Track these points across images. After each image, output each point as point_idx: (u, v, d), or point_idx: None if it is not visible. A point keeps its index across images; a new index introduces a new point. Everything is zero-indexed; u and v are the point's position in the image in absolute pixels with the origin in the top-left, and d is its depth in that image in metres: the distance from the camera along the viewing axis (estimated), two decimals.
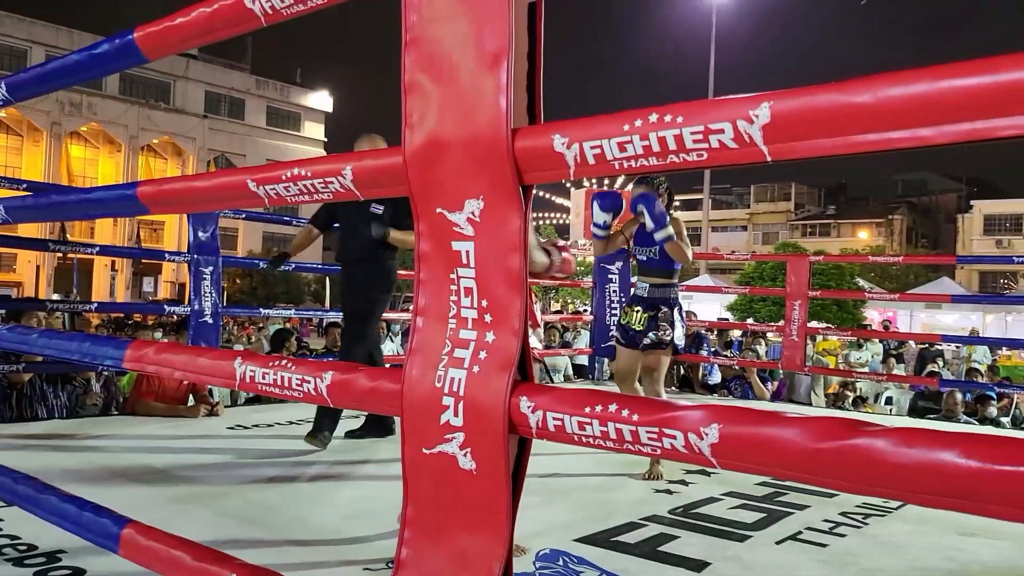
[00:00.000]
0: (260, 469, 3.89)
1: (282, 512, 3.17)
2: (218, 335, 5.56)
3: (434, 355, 1.18)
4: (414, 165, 1.17)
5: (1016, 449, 0.73)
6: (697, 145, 0.91)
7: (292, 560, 2.57)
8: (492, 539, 1.10)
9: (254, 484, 3.58)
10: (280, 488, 3.56)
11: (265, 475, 3.76)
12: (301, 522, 3.04)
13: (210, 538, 2.79)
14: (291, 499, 3.38)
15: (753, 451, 0.88)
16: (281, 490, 3.52)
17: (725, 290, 10.38)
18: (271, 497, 3.39)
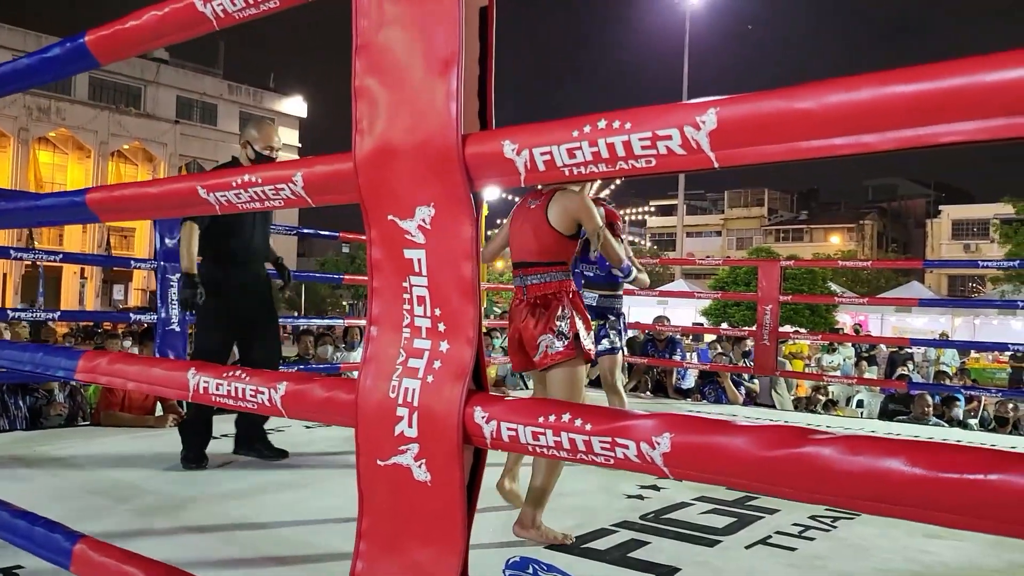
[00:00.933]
0: (226, 480, 3.84)
1: (249, 524, 3.12)
2: (186, 344, 5.48)
3: (388, 365, 1.16)
4: (364, 172, 1.16)
5: (960, 456, 0.72)
6: (645, 152, 0.90)
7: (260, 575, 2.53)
8: (447, 551, 1.08)
9: (220, 496, 3.53)
10: (247, 500, 3.51)
11: (231, 486, 3.71)
12: (269, 534, 2.99)
13: (173, 552, 2.75)
14: (259, 511, 3.34)
15: (704, 460, 0.87)
16: (248, 501, 3.47)
17: (697, 295, 10.44)
18: (237, 509, 3.33)
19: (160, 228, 5.33)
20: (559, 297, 3.07)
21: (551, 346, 3.01)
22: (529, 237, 3.13)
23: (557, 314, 3.04)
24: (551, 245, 3.08)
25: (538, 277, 3.09)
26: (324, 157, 1.25)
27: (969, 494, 0.71)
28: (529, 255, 3.13)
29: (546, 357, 3.04)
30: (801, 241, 47.45)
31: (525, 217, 3.17)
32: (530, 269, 3.11)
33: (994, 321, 20.39)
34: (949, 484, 0.71)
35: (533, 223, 3.11)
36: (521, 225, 3.19)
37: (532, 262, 3.11)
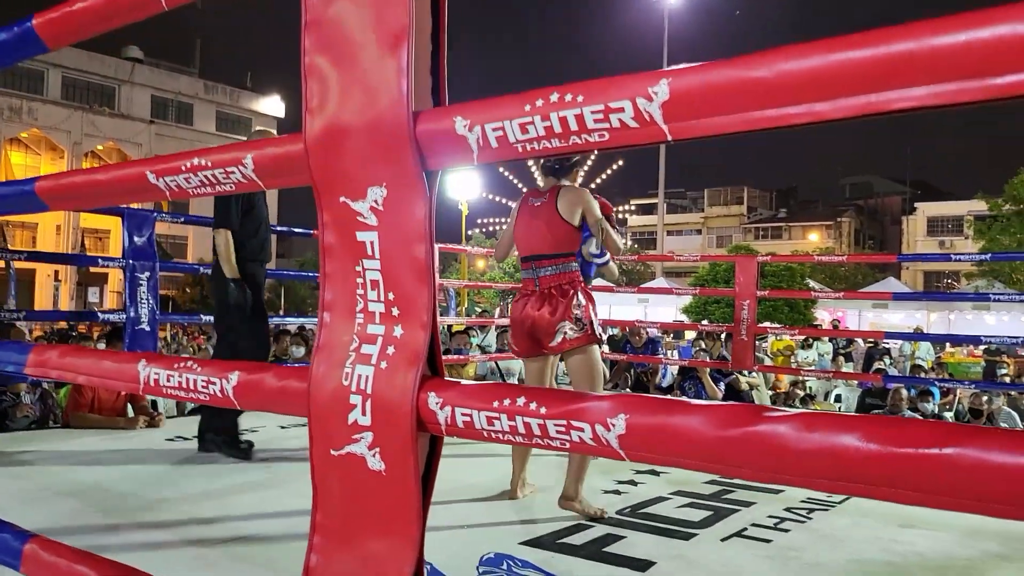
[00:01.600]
0: (197, 481, 3.78)
1: (218, 524, 3.07)
2: (156, 343, 5.40)
3: (341, 352, 1.13)
4: (315, 152, 1.12)
5: (916, 431, 0.70)
6: (598, 125, 0.87)
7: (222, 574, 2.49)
8: (402, 543, 1.05)
9: (191, 496, 3.47)
10: (218, 500, 3.45)
11: (203, 487, 3.65)
12: (236, 534, 2.95)
13: (139, 553, 2.70)
14: (229, 510, 3.28)
15: (660, 441, 0.84)
16: (219, 502, 3.42)
17: (676, 291, 10.46)
18: (207, 509, 3.28)
19: (129, 226, 5.25)
20: (573, 286, 3.36)
21: (571, 332, 3.29)
22: (543, 231, 3.39)
23: (574, 303, 3.31)
24: (563, 237, 3.38)
25: (552, 268, 3.37)
26: (275, 139, 1.21)
27: (925, 469, 0.69)
28: (543, 248, 3.39)
29: (565, 343, 3.31)
30: (780, 239, 47.76)
31: (533, 214, 3.45)
32: (543, 261, 3.39)
33: (968, 316, 20.62)
34: (905, 459, 0.69)
35: (544, 218, 3.39)
36: (531, 221, 3.45)
37: (546, 254, 3.38)
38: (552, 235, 3.37)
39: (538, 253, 3.40)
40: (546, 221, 3.39)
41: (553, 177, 3.54)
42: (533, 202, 3.47)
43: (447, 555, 2.74)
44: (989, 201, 26.95)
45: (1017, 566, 2.83)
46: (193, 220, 6.61)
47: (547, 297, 3.34)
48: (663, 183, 31.67)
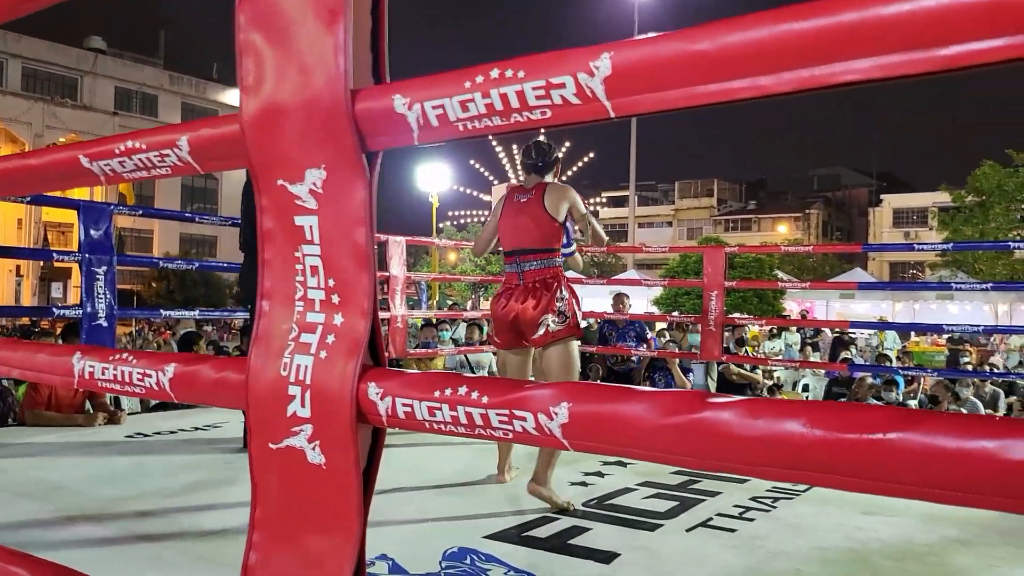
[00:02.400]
0: (155, 478, 3.70)
1: (176, 522, 3.01)
2: (113, 338, 5.29)
3: (280, 341, 1.08)
4: (252, 133, 1.07)
5: (862, 416, 0.68)
6: (540, 102, 0.84)
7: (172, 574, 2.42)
8: (342, 538, 1.01)
9: (148, 494, 3.40)
10: (176, 497, 3.38)
11: (160, 484, 3.58)
12: (197, 533, 2.88)
13: (92, 553, 2.63)
14: (187, 508, 3.22)
15: (603, 430, 0.81)
16: (177, 499, 3.35)
17: (644, 282, 10.48)
18: (165, 506, 3.21)
19: (84, 219, 5.13)
20: (557, 280, 3.46)
21: (554, 324, 3.40)
22: (529, 226, 3.48)
23: (557, 296, 3.42)
24: (549, 232, 3.47)
25: (537, 263, 3.46)
26: (211, 120, 1.16)
27: (870, 455, 0.66)
28: (529, 242, 3.47)
29: (547, 335, 3.42)
30: (749, 231, 48.18)
31: (519, 209, 3.53)
32: (528, 255, 3.47)
33: (932, 306, 20.95)
34: (850, 445, 0.67)
35: (531, 214, 3.48)
36: (517, 216, 3.52)
37: (531, 248, 3.46)
38: (538, 230, 3.46)
39: (523, 247, 3.48)
40: (532, 217, 3.47)
41: (536, 175, 3.61)
42: (519, 198, 3.55)
43: (409, 549, 2.71)
44: (952, 193, 27.38)
45: (976, 551, 2.85)
46: (152, 213, 6.48)
47: (531, 291, 3.43)
48: (634, 176, 31.76)
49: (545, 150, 3.63)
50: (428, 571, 2.53)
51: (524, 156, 3.66)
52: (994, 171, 25.77)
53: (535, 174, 3.61)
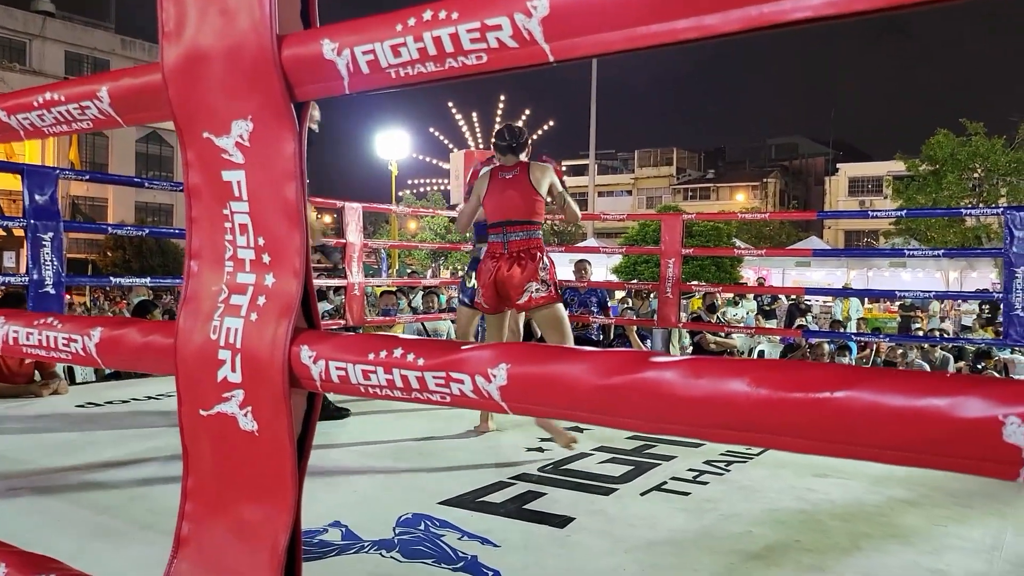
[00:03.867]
0: (104, 448, 3.61)
1: (124, 492, 2.93)
2: (62, 305, 5.13)
3: (209, 303, 1.03)
4: (174, 83, 1.01)
5: (807, 374, 0.65)
6: (475, 46, 0.79)
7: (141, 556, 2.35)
8: (277, 507, 0.97)
9: (96, 464, 3.31)
10: (124, 467, 3.30)
11: (109, 454, 3.49)
12: (144, 503, 2.82)
13: (41, 521, 2.55)
14: (135, 478, 3.14)
15: (543, 391, 0.78)
16: (126, 469, 3.27)
17: (603, 250, 10.51)
18: (113, 477, 3.13)
19: (29, 184, 4.94)
20: (540, 250, 3.77)
21: (536, 291, 3.69)
22: (516, 200, 3.76)
23: (539, 266, 3.72)
24: (534, 206, 3.77)
25: (522, 233, 3.75)
26: (132, 69, 1.09)
27: (817, 415, 0.63)
28: (515, 215, 3.75)
29: (531, 301, 3.72)
30: (708, 199, 48.54)
31: (506, 185, 3.80)
32: (514, 227, 3.76)
33: (885, 273, 21.37)
34: (796, 404, 0.64)
35: (518, 189, 3.77)
36: (503, 191, 3.79)
37: (518, 220, 3.75)
38: (525, 204, 3.76)
39: (510, 219, 3.76)
40: (520, 192, 3.75)
41: (512, 155, 3.86)
42: (503, 175, 3.83)
43: (363, 516, 2.68)
44: (907, 162, 27.82)
45: (924, 511, 2.91)
46: (100, 178, 6.27)
47: (515, 259, 3.73)
48: (594, 144, 31.69)
49: (516, 132, 3.90)
50: (382, 537, 2.51)
51: (498, 139, 3.89)
52: (948, 140, 26.23)
53: (511, 154, 3.85)
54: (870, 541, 2.60)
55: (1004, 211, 5.72)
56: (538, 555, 2.42)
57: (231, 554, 0.99)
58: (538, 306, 3.73)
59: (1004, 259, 5.51)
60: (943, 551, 2.52)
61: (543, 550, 2.46)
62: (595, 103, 30.19)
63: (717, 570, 2.34)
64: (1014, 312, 5.45)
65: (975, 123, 26.06)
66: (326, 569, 2.28)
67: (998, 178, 26.44)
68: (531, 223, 3.77)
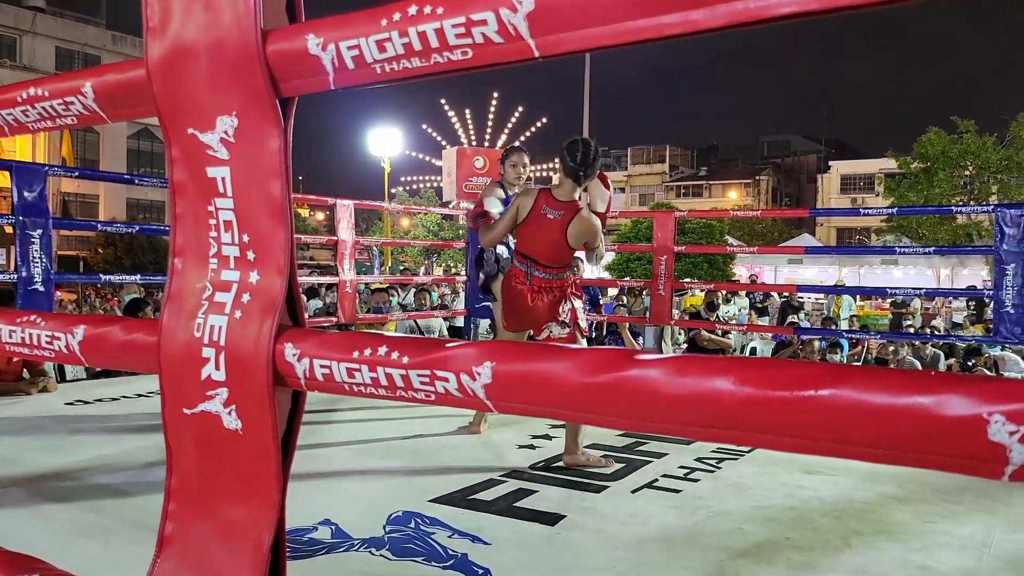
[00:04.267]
0: (93, 447, 3.59)
1: (113, 491, 2.92)
2: (51, 303, 5.10)
3: (193, 300, 1.02)
4: (159, 78, 1.00)
5: (791, 372, 0.65)
6: (460, 41, 0.78)
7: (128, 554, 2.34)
8: (261, 507, 0.96)
9: (85, 463, 3.30)
10: (113, 466, 3.29)
11: (98, 452, 3.47)
12: (134, 502, 2.80)
13: (31, 522, 2.54)
14: (124, 477, 3.13)
15: (528, 389, 0.77)
16: (115, 468, 3.26)
17: None
18: (102, 476, 3.12)
19: (18, 180, 4.90)
20: (563, 291, 3.62)
21: (555, 332, 3.60)
22: (545, 245, 3.56)
23: (561, 308, 3.60)
24: (563, 256, 3.60)
25: (544, 274, 3.59)
26: (116, 64, 1.08)
27: (801, 413, 0.63)
28: (541, 257, 3.58)
29: (550, 339, 3.60)
30: (701, 197, 48.60)
31: (541, 224, 3.55)
32: (537, 266, 3.60)
33: (877, 271, 21.45)
34: (780, 403, 0.64)
35: (551, 236, 3.52)
36: (538, 230, 3.56)
37: (542, 263, 3.59)
38: (553, 251, 3.56)
39: (536, 259, 3.59)
40: (551, 240, 3.52)
41: (574, 181, 3.52)
42: (546, 211, 3.53)
43: (354, 515, 2.67)
44: (899, 159, 27.90)
45: (913, 508, 2.92)
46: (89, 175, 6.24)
47: (538, 293, 3.60)
48: None
49: (589, 153, 3.50)
50: (372, 535, 2.50)
51: (568, 154, 3.51)
52: (939, 138, 26.31)
53: (571, 179, 3.52)
54: (860, 538, 2.60)
55: (995, 208, 5.74)
56: (528, 553, 2.42)
57: (214, 554, 0.98)
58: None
59: (995, 256, 5.53)
60: (933, 548, 2.52)
61: (534, 548, 2.46)
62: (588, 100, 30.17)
63: (707, 568, 2.34)
64: (1004, 309, 5.47)
65: (966, 121, 26.16)
66: (315, 567, 2.28)
67: (989, 176, 26.55)
68: (556, 267, 3.58)
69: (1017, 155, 25.76)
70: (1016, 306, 5.51)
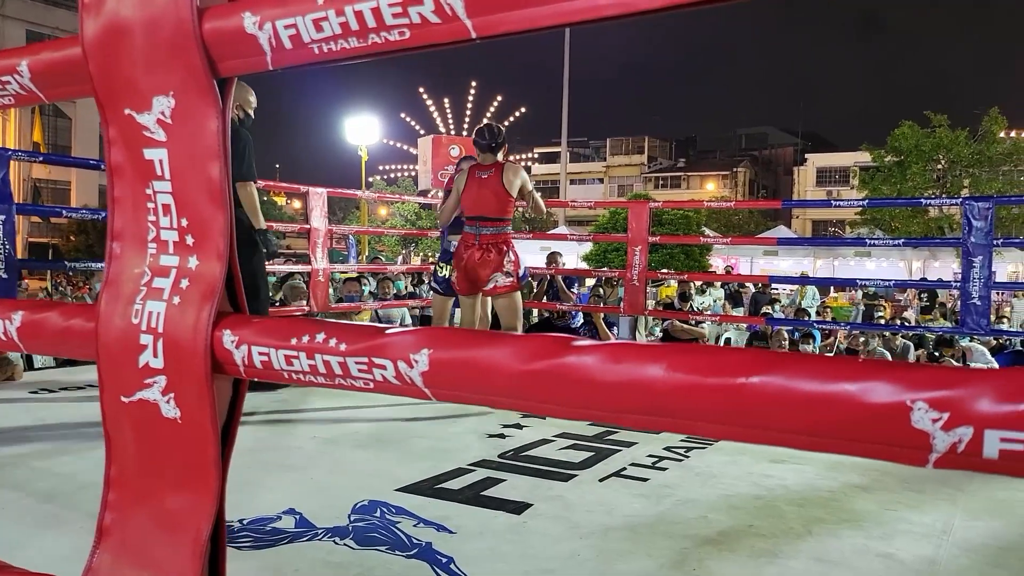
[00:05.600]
0: (56, 435, 3.54)
1: (75, 480, 2.88)
2: (14, 290, 5.01)
3: (131, 286, 0.99)
4: (95, 57, 0.97)
5: (726, 359, 0.64)
6: (397, 21, 0.76)
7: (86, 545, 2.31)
8: (199, 497, 0.94)
9: (47, 451, 3.25)
10: (76, 455, 3.24)
11: (60, 442, 3.42)
12: (96, 491, 2.76)
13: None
14: (86, 465, 3.08)
15: (465, 377, 0.76)
16: (77, 457, 3.21)
17: (571, 237, 10.53)
18: (64, 465, 3.07)
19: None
20: (507, 244, 4.33)
21: (501, 281, 4.27)
22: (489, 199, 4.27)
23: (505, 258, 4.28)
24: (505, 205, 4.30)
25: (492, 229, 4.28)
26: (52, 42, 1.05)
27: (732, 400, 0.62)
28: (488, 212, 4.28)
29: (496, 288, 4.32)
30: (679, 188, 48.81)
31: (481, 184, 4.30)
32: (486, 222, 4.28)
33: (851, 263, 21.67)
34: (710, 390, 0.63)
35: (492, 189, 4.27)
36: (479, 190, 4.30)
37: (490, 217, 4.28)
38: (497, 203, 4.27)
39: (483, 215, 4.27)
40: (493, 191, 4.25)
41: (491, 153, 4.34)
42: (480, 175, 4.31)
43: (319, 503, 2.65)
44: (873, 152, 28.14)
45: (876, 496, 2.95)
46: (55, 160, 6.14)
47: (485, 250, 4.26)
48: (566, 132, 31.66)
49: (496, 132, 4.38)
50: (336, 525, 2.48)
51: (479, 137, 4.35)
52: (912, 131, 26.56)
53: (489, 153, 4.33)
54: (823, 526, 2.63)
55: (963, 201, 5.80)
56: (493, 541, 2.41)
57: (154, 544, 0.96)
58: (500, 293, 4.32)
59: (962, 249, 5.60)
60: (893, 535, 2.55)
61: (499, 536, 2.45)
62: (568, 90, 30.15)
63: (671, 555, 2.35)
64: (971, 301, 5.54)
65: (939, 115, 26.42)
66: (277, 557, 2.25)
67: (961, 169, 26.86)
68: (501, 220, 4.28)
69: (988, 149, 26.09)
70: (983, 298, 5.58)
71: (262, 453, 3.32)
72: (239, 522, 2.45)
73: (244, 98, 4.53)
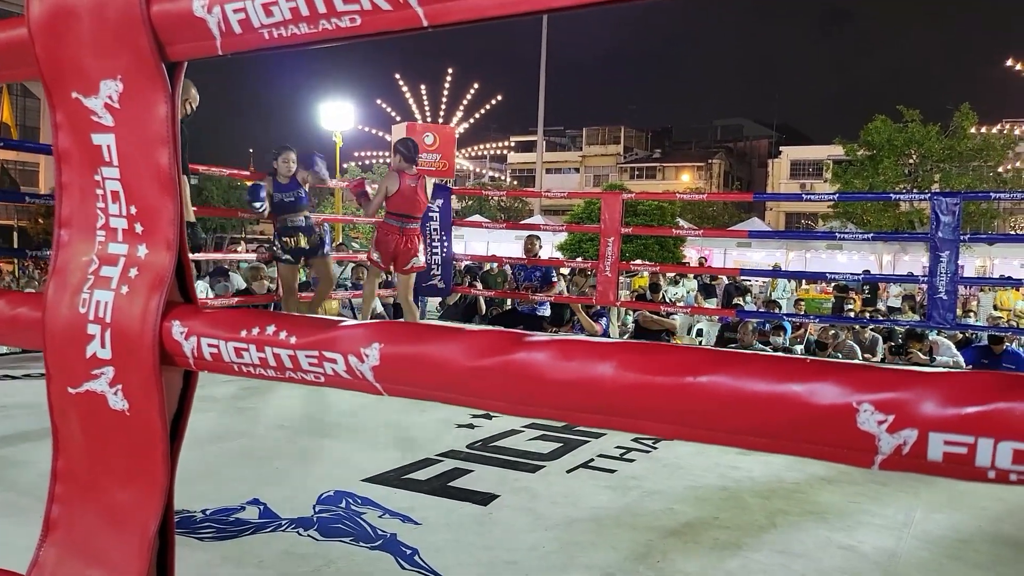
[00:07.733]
0: (18, 422, 3.48)
1: (35, 468, 2.82)
2: None
3: (79, 275, 0.97)
4: (41, 39, 0.94)
5: (675, 358, 0.63)
6: (348, 7, 0.74)
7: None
8: (147, 491, 0.92)
9: (8, 438, 3.19)
10: (37, 442, 3.18)
11: (22, 428, 3.36)
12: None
13: None
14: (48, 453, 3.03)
15: (415, 372, 0.75)
16: (38, 444, 3.15)
17: (544, 228, 10.48)
18: (25, 452, 3.02)
19: None
20: (419, 236, 5.70)
21: (415, 262, 5.65)
22: (415, 201, 5.58)
23: (419, 247, 5.66)
24: (423, 208, 5.73)
25: (413, 224, 5.63)
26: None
27: (678, 399, 0.62)
28: (415, 212, 5.62)
29: (412, 268, 5.70)
30: (654, 179, 48.96)
31: (412, 191, 5.54)
32: (409, 220, 5.59)
33: (823, 255, 21.90)
34: (658, 389, 0.62)
35: (418, 195, 5.57)
36: (411, 196, 5.55)
37: (415, 216, 5.62)
38: (420, 206, 5.65)
39: (411, 215, 5.59)
40: (419, 198, 5.58)
41: (414, 164, 5.64)
42: (410, 183, 5.54)
43: (284, 494, 2.63)
44: (846, 146, 28.41)
45: (840, 489, 2.98)
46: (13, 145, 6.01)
47: (408, 239, 5.59)
48: (542, 121, 31.61)
49: (417, 148, 5.81)
50: (300, 515, 2.47)
51: (406, 151, 5.58)
52: (885, 126, 26.84)
53: (413, 164, 5.62)
54: (787, 518, 2.65)
55: (931, 196, 5.87)
56: (458, 532, 2.41)
57: (101, 539, 0.94)
58: (414, 271, 5.73)
59: (930, 243, 5.66)
60: (856, 528, 2.58)
61: (464, 528, 2.45)
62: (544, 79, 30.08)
63: (635, 547, 2.36)
64: (937, 295, 5.62)
65: (912, 110, 26.72)
66: (240, 548, 2.23)
67: (932, 164, 27.20)
68: (419, 218, 5.67)
69: (959, 145, 26.44)
70: (949, 292, 5.66)
71: (227, 442, 3.29)
72: (202, 512, 2.43)
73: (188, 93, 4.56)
